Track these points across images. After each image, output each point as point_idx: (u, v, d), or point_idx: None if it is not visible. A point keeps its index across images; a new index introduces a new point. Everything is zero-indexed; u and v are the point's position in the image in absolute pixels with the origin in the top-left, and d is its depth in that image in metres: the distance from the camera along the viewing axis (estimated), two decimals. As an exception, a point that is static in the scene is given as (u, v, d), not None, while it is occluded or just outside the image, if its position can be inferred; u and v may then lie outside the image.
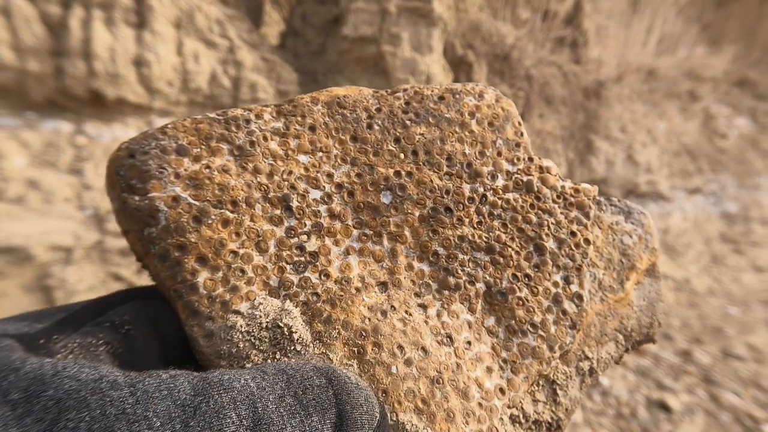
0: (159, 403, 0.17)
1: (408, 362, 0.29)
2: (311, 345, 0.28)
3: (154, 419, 0.16)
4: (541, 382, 0.33)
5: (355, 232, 0.32)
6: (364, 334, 0.29)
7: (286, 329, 0.27)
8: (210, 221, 0.28)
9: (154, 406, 0.16)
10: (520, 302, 0.33)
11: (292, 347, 0.27)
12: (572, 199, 0.37)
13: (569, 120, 4.02)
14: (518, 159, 0.37)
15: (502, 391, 0.31)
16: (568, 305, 0.34)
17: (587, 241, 0.36)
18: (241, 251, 0.29)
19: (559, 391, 0.33)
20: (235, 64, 2.62)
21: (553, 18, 4.13)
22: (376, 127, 0.35)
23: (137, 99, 2.25)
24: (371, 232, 0.33)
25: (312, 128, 0.33)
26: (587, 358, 0.35)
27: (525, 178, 0.37)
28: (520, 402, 0.32)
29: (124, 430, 0.15)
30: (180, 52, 2.39)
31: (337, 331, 0.29)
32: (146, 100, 2.30)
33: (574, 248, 0.36)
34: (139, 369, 0.19)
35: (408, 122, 0.36)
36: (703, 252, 3.75)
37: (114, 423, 0.15)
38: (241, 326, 0.27)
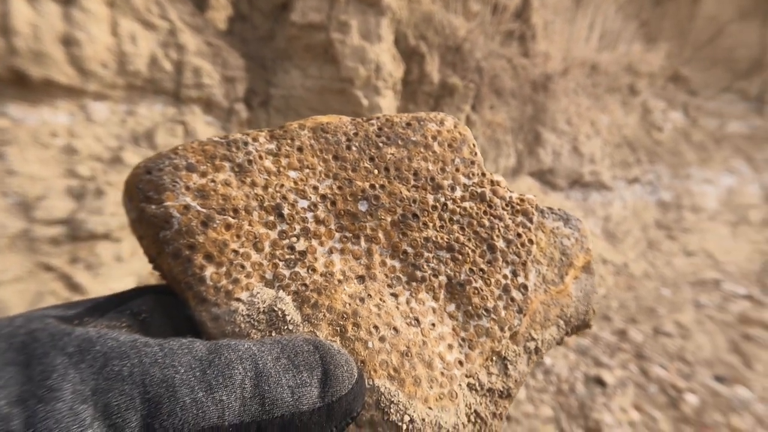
0: (182, 357, 0.21)
1: (382, 339, 0.34)
2: (301, 325, 0.33)
3: (179, 367, 0.21)
4: (494, 358, 0.38)
5: (337, 234, 0.38)
6: (345, 316, 0.34)
7: (280, 312, 0.32)
8: (215, 225, 0.34)
9: (179, 359, 0.21)
10: (476, 291, 0.39)
11: (285, 327, 0.32)
12: (518, 207, 0.44)
13: (518, 112, 4.13)
14: (473, 174, 0.44)
15: (460, 363, 0.37)
16: (515, 293, 0.40)
17: (531, 241, 0.43)
18: (241, 250, 0.34)
19: (509, 366, 0.39)
20: (176, 47, 2.53)
21: (502, 12, 4.22)
22: (354, 148, 0.41)
23: (67, 80, 2.13)
24: (351, 234, 0.39)
25: (300, 149, 0.39)
26: (533, 339, 0.40)
27: (479, 190, 0.44)
28: (476, 373, 0.37)
29: (157, 373, 0.20)
30: (115, 32, 2.28)
31: (322, 314, 0.34)
32: (78, 82, 2.18)
33: (520, 247, 0.42)
34: None
35: (380, 144, 0.42)
36: (640, 238, 3.96)
37: (149, 368, 0.20)
38: (242, 311, 0.32)
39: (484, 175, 0.45)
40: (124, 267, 2.11)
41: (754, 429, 2.23)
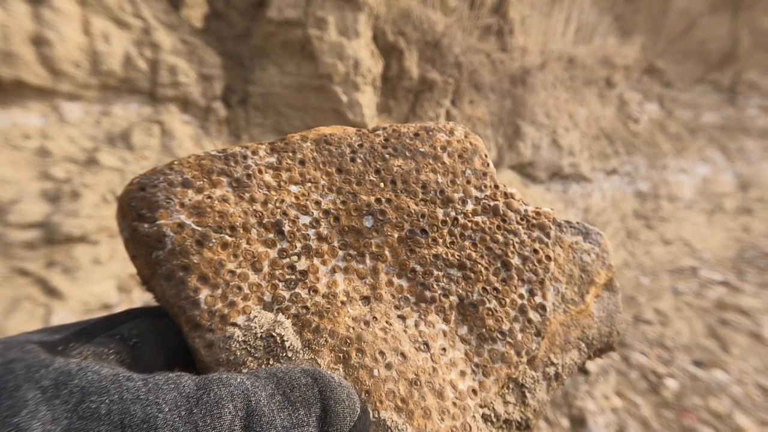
0: (167, 393, 0.19)
1: (388, 366, 0.32)
2: (301, 352, 0.31)
3: (163, 405, 0.19)
4: (511, 386, 0.36)
5: (341, 252, 0.36)
6: (348, 341, 0.32)
7: (278, 338, 0.30)
8: (211, 244, 0.32)
9: (164, 395, 0.19)
10: (490, 312, 0.36)
11: (284, 354, 0.30)
12: (534, 221, 0.41)
13: (498, 106, 4.17)
14: (485, 186, 0.42)
15: (474, 392, 0.34)
16: (532, 315, 0.37)
17: (548, 258, 0.40)
18: (239, 271, 0.32)
19: (527, 394, 0.36)
20: (151, 46, 2.49)
21: (480, 6, 4.25)
22: (359, 161, 0.39)
23: (39, 81, 2.09)
24: (355, 252, 0.36)
25: (302, 162, 0.37)
26: (553, 363, 0.38)
27: (492, 203, 0.41)
28: (492, 402, 0.34)
29: (138, 412, 0.18)
30: (87, 31, 2.23)
31: (324, 339, 0.31)
32: (50, 82, 2.13)
33: (536, 264, 0.39)
34: None
35: (387, 156, 0.40)
36: (619, 228, 4.04)
37: (130, 405, 0.18)
38: (238, 336, 0.30)
39: (497, 187, 0.42)
40: (102, 270, 2.07)
41: (732, 410, 2.29)
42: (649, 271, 3.76)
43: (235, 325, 0.30)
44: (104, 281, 2.08)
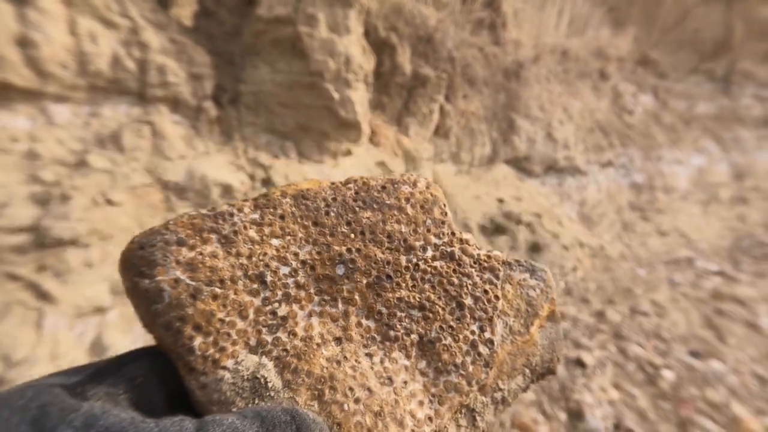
0: None
1: (357, 400, 0.36)
2: (282, 391, 0.35)
3: None
4: (463, 411, 0.40)
5: (316, 298, 0.40)
6: (323, 380, 0.36)
7: (262, 380, 0.34)
8: (203, 297, 0.35)
9: None
10: (445, 348, 0.41)
11: (268, 393, 0.34)
12: (485, 264, 0.46)
13: (492, 100, 4.15)
14: (443, 234, 0.46)
15: (430, 419, 0.38)
16: (482, 348, 0.42)
17: (497, 297, 0.44)
18: (227, 319, 0.36)
19: (477, 417, 0.40)
20: (139, 45, 2.46)
21: (472, 0, 4.22)
22: (332, 214, 0.43)
23: (25, 83, 2.06)
24: (329, 297, 0.40)
25: (282, 217, 0.42)
26: (500, 389, 0.42)
27: (449, 249, 0.46)
28: (445, 427, 0.39)
29: None
30: (73, 31, 2.20)
31: (302, 378, 0.35)
32: (37, 84, 2.11)
33: (486, 303, 0.44)
34: (150, 413, 0.27)
35: (357, 208, 0.44)
36: (615, 220, 4.03)
37: None
38: (228, 379, 0.34)
39: (453, 234, 0.47)
40: (94, 273, 2.06)
41: (728, 400, 2.30)
42: (645, 263, 3.76)
43: (225, 368, 0.34)
44: (96, 284, 2.07)
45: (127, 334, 2.02)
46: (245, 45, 2.89)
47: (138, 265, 0.35)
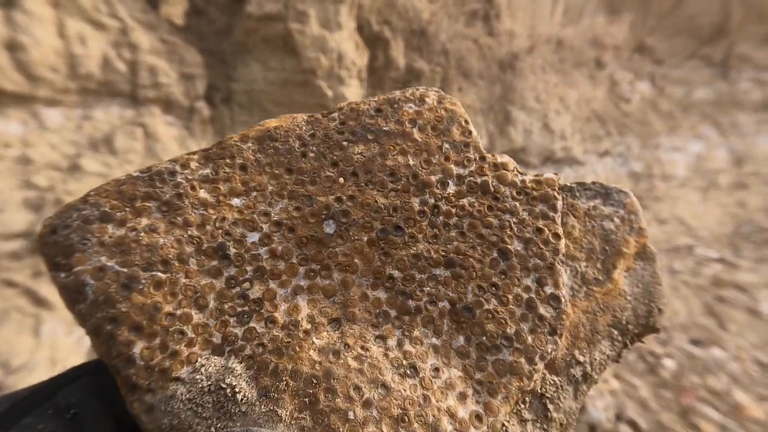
0: None
1: (367, 404, 0.26)
2: (257, 403, 0.26)
3: None
4: (527, 399, 0.30)
5: (301, 269, 0.30)
6: (314, 381, 0.27)
7: (229, 390, 0.25)
8: (140, 286, 0.27)
9: None
10: (490, 315, 0.30)
11: (237, 409, 0.25)
12: (535, 193, 0.34)
13: (487, 92, 4.13)
14: (469, 161, 0.35)
15: (478, 418, 0.28)
16: (544, 310, 0.31)
17: (556, 236, 0.33)
18: (179, 312, 0.27)
19: (549, 405, 0.30)
20: (129, 46, 2.44)
21: (465, -8, 4.19)
22: (311, 155, 0.33)
23: (16, 87, 2.05)
24: (318, 266, 0.31)
25: (243, 168, 0.32)
26: (579, 362, 0.32)
27: (479, 180, 0.34)
28: (503, 426, 0.29)
29: None
30: (62, 34, 2.19)
31: (285, 382, 0.26)
32: (27, 88, 2.09)
33: (542, 246, 0.32)
34: None
35: (345, 143, 0.34)
36: (614, 210, 4.03)
37: None
38: (182, 394, 0.25)
39: (483, 159, 0.35)
40: (91, 277, 2.06)
41: (730, 387, 2.29)
42: (644, 252, 3.76)
43: (177, 380, 0.26)
44: (94, 288, 2.07)
45: (126, 338, 2.02)
46: (236, 43, 2.87)
47: (52, 254, 0.28)
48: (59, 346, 1.86)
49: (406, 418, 0.26)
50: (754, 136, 5.11)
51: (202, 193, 0.31)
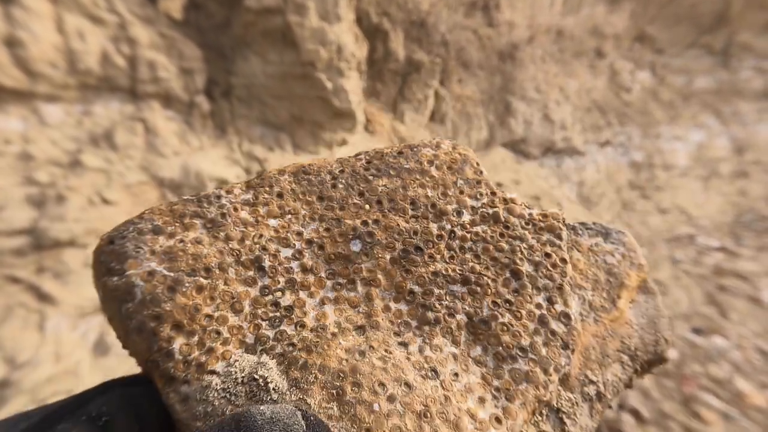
0: None
1: (391, 398, 0.28)
2: (288, 393, 0.27)
3: None
4: (544, 411, 0.32)
5: (329, 282, 0.34)
6: (342, 375, 0.29)
7: (261, 380, 0.28)
8: (184, 289, 0.30)
9: None
10: (505, 328, 0.33)
11: (268, 397, 0.27)
12: (542, 224, 0.38)
13: (487, 83, 4.11)
14: (481, 194, 0.39)
15: (498, 420, 0.29)
16: (555, 325, 0.33)
17: (563, 261, 0.36)
18: (216, 314, 0.30)
19: (566, 420, 0.32)
20: (128, 41, 2.43)
21: (465, -18, 4.16)
22: (341, 186, 0.37)
23: (15, 84, 2.04)
24: (345, 280, 0.34)
25: (280, 195, 0.36)
26: (592, 382, 0.34)
27: (491, 211, 0.38)
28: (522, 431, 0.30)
29: None
30: (61, 29, 2.18)
31: (313, 375, 0.28)
32: (27, 84, 2.09)
33: (551, 268, 0.35)
34: None
35: (370, 177, 0.38)
36: (614, 200, 4.02)
37: None
38: (216, 384, 0.27)
39: (494, 193, 0.39)
40: (94, 272, 2.06)
41: (731, 375, 2.30)
42: (646, 242, 3.76)
43: (213, 372, 0.28)
44: (97, 283, 2.07)
45: (130, 332, 2.02)
46: (235, 37, 2.86)
47: (107, 261, 0.30)
48: (63, 341, 1.87)
49: (428, 414, 0.28)
50: (755, 124, 5.10)
51: (243, 214, 0.35)
